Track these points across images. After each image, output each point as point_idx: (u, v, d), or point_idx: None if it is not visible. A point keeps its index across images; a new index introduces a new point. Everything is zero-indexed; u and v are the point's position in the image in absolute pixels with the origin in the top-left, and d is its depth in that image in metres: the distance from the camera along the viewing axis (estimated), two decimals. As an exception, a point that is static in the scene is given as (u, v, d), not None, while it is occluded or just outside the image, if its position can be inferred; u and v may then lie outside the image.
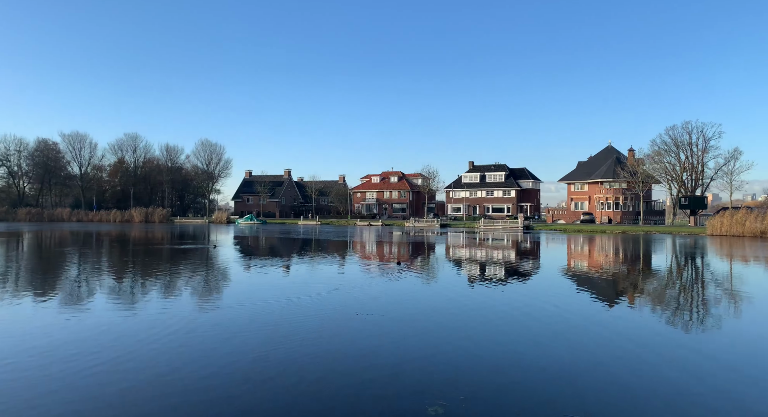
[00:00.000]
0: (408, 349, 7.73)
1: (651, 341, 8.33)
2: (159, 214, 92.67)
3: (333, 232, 52.02)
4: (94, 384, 6.06)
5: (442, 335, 8.65)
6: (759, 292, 13.96)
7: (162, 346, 7.69)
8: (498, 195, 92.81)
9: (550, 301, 12.11)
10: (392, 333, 8.73)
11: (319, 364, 6.90)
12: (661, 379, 6.44)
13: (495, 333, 8.84)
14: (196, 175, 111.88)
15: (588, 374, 6.62)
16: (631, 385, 6.19)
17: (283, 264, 20.41)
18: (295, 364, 6.89)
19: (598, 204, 78.03)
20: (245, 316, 9.87)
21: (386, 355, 7.43)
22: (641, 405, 5.58)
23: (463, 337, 8.48)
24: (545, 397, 5.82)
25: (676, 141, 70.37)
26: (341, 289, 13.51)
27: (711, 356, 7.46)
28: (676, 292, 14.50)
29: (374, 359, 7.19)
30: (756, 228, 45.95)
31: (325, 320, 9.59)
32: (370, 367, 6.86)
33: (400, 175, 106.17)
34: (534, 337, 8.50)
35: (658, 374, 6.61)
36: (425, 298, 12.30)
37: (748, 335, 8.88)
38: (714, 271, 19.70)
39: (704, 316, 10.68)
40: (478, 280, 15.79)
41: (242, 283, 15.06)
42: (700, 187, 70.07)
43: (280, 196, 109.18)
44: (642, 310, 11.16)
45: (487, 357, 7.39)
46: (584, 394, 5.94)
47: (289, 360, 7.04)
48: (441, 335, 8.65)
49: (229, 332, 8.58)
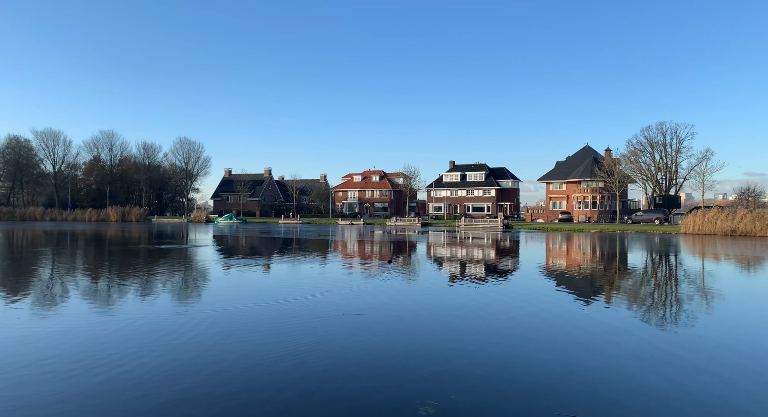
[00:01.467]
0: (396, 349, 7.68)
1: (638, 345, 8.53)
2: (136, 213, 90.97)
3: (314, 232, 51.80)
4: (41, 390, 5.95)
5: (430, 334, 8.62)
6: (729, 289, 14.43)
7: (139, 356, 7.57)
8: (478, 194, 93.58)
9: (534, 300, 12.29)
10: (380, 332, 8.69)
11: (305, 365, 6.81)
12: (646, 380, 6.61)
13: (483, 332, 8.84)
14: (174, 173, 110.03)
15: (577, 373, 6.63)
16: (618, 384, 6.22)
17: (264, 264, 20.27)
18: (281, 365, 6.80)
19: (576, 203, 79.33)
20: (226, 319, 9.78)
21: (374, 354, 7.36)
22: (631, 404, 5.59)
23: (452, 336, 8.47)
24: (536, 396, 5.81)
25: (651, 141, 72.06)
26: (328, 289, 13.48)
27: (681, 350, 7.68)
28: (651, 290, 14.86)
29: (362, 359, 7.12)
30: (727, 227, 47.34)
31: (312, 321, 9.49)
32: (359, 367, 6.78)
33: (382, 174, 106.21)
34: (523, 337, 8.52)
35: (645, 377, 6.76)
36: (411, 297, 12.30)
37: (723, 331, 9.17)
38: (687, 270, 20.25)
39: (677, 314, 10.98)
40: (461, 280, 15.93)
41: (222, 283, 14.88)
42: (674, 186, 71.86)
43: (261, 195, 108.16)
44: (622, 310, 11.42)
45: (476, 355, 7.37)
46: (575, 393, 5.93)
47: (276, 361, 6.97)
48: (429, 334, 8.62)
49: (208, 334, 8.49)
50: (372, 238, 39.90)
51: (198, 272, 17.46)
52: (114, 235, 41.70)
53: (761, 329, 9.34)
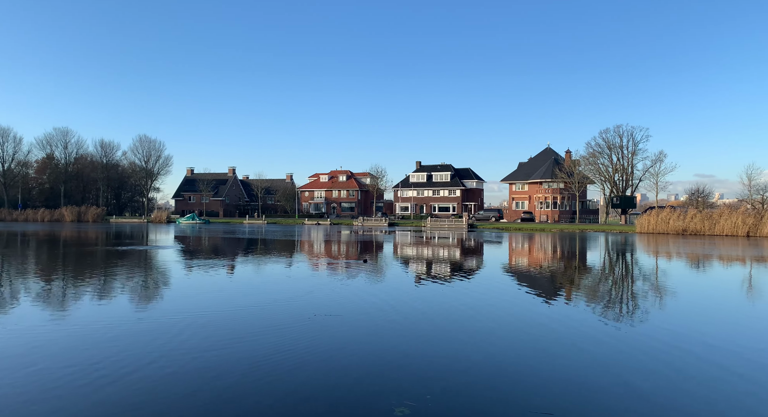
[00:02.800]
0: (369, 349, 7.64)
1: (605, 342, 8.87)
2: (93, 213, 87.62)
3: (280, 232, 51.22)
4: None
5: (402, 333, 8.62)
6: (681, 286, 15.20)
7: (96, 369, 7.36)
8: (444, 194, 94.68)
9: (501, 298, 12.56)
10: (352, 333, 8.64)
11: (276, 368, 6.73)
12: (620, 375, 6.90)
13: (455, 331, 8.90)
14: (134, 172, 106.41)
15: (551, 371, 6.71)
16: (593, 382, 6.31)
17: (229, 265, 19.92)
18: (253, 368, 6.72)
19: (538, 203, 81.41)
20: (195, 321, 9.61)
21: (348, 355, 7.31)
22: (604, 401, 5.68)
23: (426, 336, 8.48)
24: (510, 394, 5.86)
25: (609, 143, 74.65)
26: (298, 290, 13.40)
27: (633, 347, 8.07)
28: (611, 288, 15.48)
29: (335, 360, 7.05)
30: (678, 226, 49.65)
31: (282, 323, 9.37)
32: (331, 368, 6.71)
33: (349, 174, 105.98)
34: (495, 336, 8.63)
35: (617, 371, 7.04)
36: (381, 297, 12.31)
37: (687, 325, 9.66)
38: (642, 267, 21.17)
39: (633, 310, 11.50)
40: (429, 279, 16.12)
41: (185, 285, 14.57)
42: (630, 187, 74.70)
43: (224, 194, 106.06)
44: (585, 307, 11.85)
45: (451, 355, 7.40)
46: (549, 390, 5.99)
47: (247, 364, 6.88)
48: (402, 334, 8.62)
49: (175, 343, 8.33)
50: (339, 239, 39.81)
51: (159, 275, 17.01)
52: (69, 236, 40.03)
53: (713, 323, 9.89)
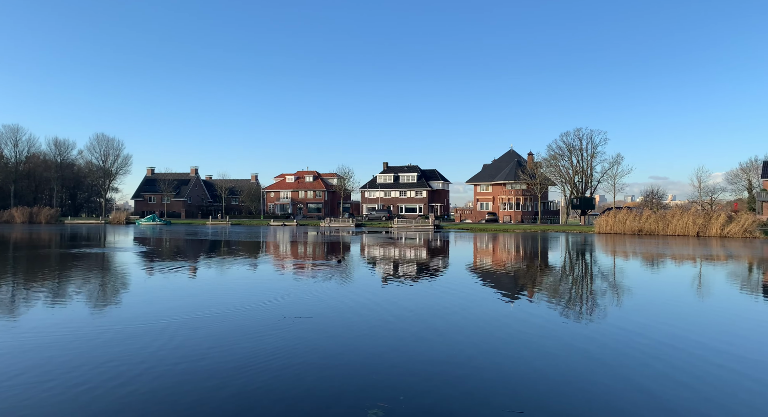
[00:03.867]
0: (341, 351, 7.61)
1: (574, 339, 9.16)
2: (46, 214, 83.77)
3: (245, 233, 50.38)
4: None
5: (374, 334, 8.63)
6: (637, 284, 15.87)
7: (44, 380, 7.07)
8: (411, 195, 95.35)
9: (468, 297, 12.77)
10: (324, 335, 8.59)
11: (245, 371, 6.65)
12: (582, 372, 7.14)
13: (427, 331, 8.96)
14: (91, 172, 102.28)
15: (522, 369, 6.83)
16: (561, 379, 6.46)
17: (191, 267, 19.47)
18: (220, 372, 6.63)
19: (501, 204, 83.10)
20: (157, 325, 9.37)
21: (319, 357, 7.26)
22: (574, 399, 5.81)
23: (396, 336, 8.53)
24: (483, 393, 5.92)
25: (569, 146, 76.93)
26: (266, 292, 13.24)
27: (600, 343, 8.40)
28: (574, 287, 15.99)
29: (307, 363, 6.99)
30: (634, 226, 51.69)
31: (251, 326, 9.25)
32: (305, 370, 6.66)
33: (316, 174, 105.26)
34: (466, 335, 8.73)
35: (590, 372, 7.28)
36: (353, 299, 12.31)
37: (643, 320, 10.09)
38: (601, 267, 21.97)
39: (596, 308, 11.94)
40: (397, 279, 16.22)
41: (147, 291, 14.16)
42: (589, 188, 77.21)
43: (187, 195, 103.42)
44: (549, 306, 12.20)
45: (423, 355, 7.44)
46: (520, 389, 6.09)
47: (214, 368, 6.78)
48: (373, 335, 8.63)
49: (134, 340, 8.11)
50: (306, 240, 39.50)
51: (119, 280, 16.46)
52: (19, 238, 38.13)
53: (670, 319, 10.37)
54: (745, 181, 79.21)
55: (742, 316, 10.77)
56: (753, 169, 77.62)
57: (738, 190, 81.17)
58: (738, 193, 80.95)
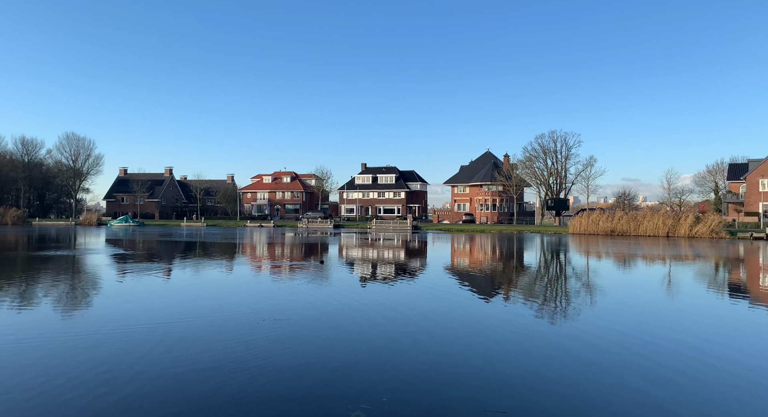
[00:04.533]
0: (321, 353, 7.56)
1: (551, 338, 9.30)
2: (12, 215, 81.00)
3: (220, 234, 49.66)
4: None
5: (355, 336, 8.60)
6: (611, 284, 16.26)
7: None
8: (389, 196, 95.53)
9: (446, 297, 12.87)
10: (304, 336, 8.52)
11: (224, 373, 6.56)
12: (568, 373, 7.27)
13: (408, 332, 8.97)
14: (60, 171, 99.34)
15: (503, 370, 6.86)
16: (543, 380, 6.50)
17: (166, 269, 19.10)
18: (195, 373, 6.53)
19: (478, 205, 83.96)
20: (132, 327, 9.17)
21: (299, 359, 7.19)
22: (555, 399, 5.87)
23: (379, 337, 8.51)
24: (465, 394, 5.93)
25: (544, 148, 78.29)
26: (242, 294, 13.08)
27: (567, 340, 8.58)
28: (552, 287, 16.28)
29: (286, 366, 6.91)
30: (607, 227, 52.89)
31: (230, 327, 9.13)
32: (284, 373, 6.58)
33: (293, 175, 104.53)
34: (450, 335, 8.78)
35: (568, 370, 7.38)
36: (329, 299, 12.26)
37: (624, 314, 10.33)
38: (577, 267, 22.42)
39: (571, 307, 12.18)
40: (376, 280, 16.23)
41: (114, 292, 13.85)
42: (564, 190, 78.68)
43: (161, 195, 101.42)
44: (527, 306, 12.39)
45: (406, 356, 7.44)
46: (501, 389, 6.12)
47: (188, 369, 6.67)
48: (354, 336, 8.60)
49: (102, 355, 7.92)
50: (283, 241, 39.18)
51: (89, 283, 16.05)
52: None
53: (646, 318, 10.65)
54: (711, 183, 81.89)
55: (710, 314, 11.14)
56: (719, 171, 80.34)
57: (705, 191, 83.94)
58: (705, 194, 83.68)
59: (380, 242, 39.05)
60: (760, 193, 60.29)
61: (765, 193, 60.04)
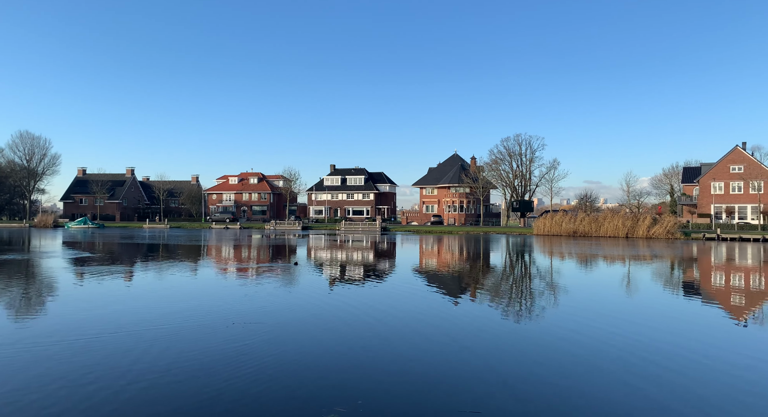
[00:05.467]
0: (295, 356, 7.49)
1: (525, 337, 9.51)
2: (-41, 217, 76.72)
3: (184, 236, 48.50)
4: None
5: (329, 338, 8.57)
6: (575, 284, 16.77)
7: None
8: (358, 198, 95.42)
9: (416, 298, 12.99)
10: (274, 340, 8.43)
11: (195, 379, 6.45)
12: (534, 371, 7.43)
13: (383, 333, 9.00)
14: (13, 171, 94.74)
15: (476, 370, 6.94)
16: (514, 378, 6.62)
17: (127, 272, 18.52)
18: (168, 378, 6.39)
19: (446, 207, 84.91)
20: (99, 334, 8.87)
21: (272, 363, 7.12)
22: (528, 398, 6.00)
23: (353, 339, 8.50)
24: (440, 395, 5.98)
25: (510, 151, 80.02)
26: (204, 297, 12.83)
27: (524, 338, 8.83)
28: (519, 288, 16.65)
29: (259, 369, 6.84)
30: (570, 228, 54.43)
31: (195, 332, 8.93)
32: (258, 377, 6.51)
33: (261, 176, 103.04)
34: (424, 336, 8.84)
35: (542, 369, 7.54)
36: (300, 301, 12.18)
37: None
38: (540, 268, 22.99)
39: (532, 306, 12.50)
40: (347, 281, 16.21)
41: (70, 297, 13.35)
42: (528, 192, 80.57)
43: (122, 197, 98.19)
44: (493, 306, 12.63)
45: (381, 358, 7.44)
46: (476, 389, 6.18)
47: (162, 375, 6.51)
48: (328, 338, 8.57)
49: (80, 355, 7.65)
50: (250, 243, 38.61)
51: (44, 288, 15.41)
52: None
53: (607, 317, 11.04)
54: (667, 185, 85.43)
55: (666, 310, 11.68)
56: (674, 174, 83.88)
57: (662, 194, 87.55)
58: (662, 196, 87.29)
59: (349, 244, 38.99)
60: (711, 195, 63.30)
61: (716, 195, 63.08)
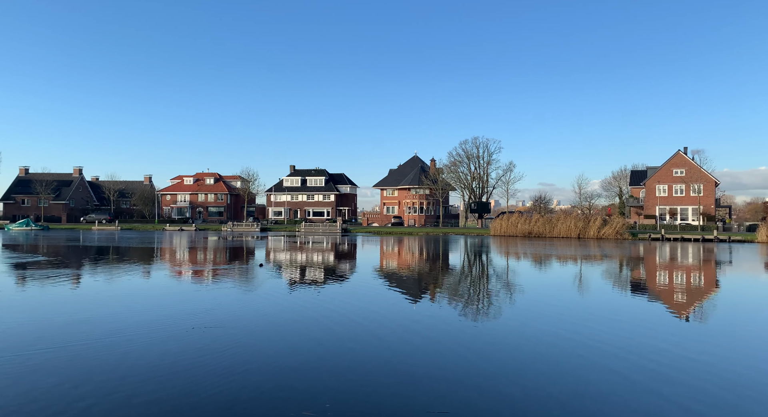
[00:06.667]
0: (257, 361, 7.38)
1: (485, 337, 9.68)
2: None
3: (137, 239, 46.71)
4: None
5: (289, 342, 8.47)
6: (533, 283, 17.28)
7: None
8: (318, 199, 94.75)
9: (373, 299, 13.04)
10: (236, 344, 8.27)
11: (154, 384, 6.26)
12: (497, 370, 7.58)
13: (347, 335, 8.95)
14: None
15: (443, 371, 6.99)
16: (481, 378, 6.71)
17: (74, 275, 17.66)
18: (125, 385, 6.17)
19: (407, 208, 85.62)
20: (40, 340, 8.43)
21: (235, 367, 6.99)
22: (492, 396, 6.08)
23: (317, 342, 8.44)
24: (408, 396, 6.01)
25: (468, 153, 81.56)
26: (161, 301, 12.41)
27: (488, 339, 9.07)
28: (468, 286, 16.99)
29: (222, 374, 6.70)
30: (525, 229, 56.03)
31: (153, 338, 8.64)
32: (218, 383, 6.38)
33: (217, 176, 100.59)
34: (388, 337, 8.86)
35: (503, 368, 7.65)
36: (260, 304, 12.01)
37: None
38: (497, 268, 23.56)
39: (490, 306, 12.81)
40: (307, 284, 16.08)
41: (8, 304, 12.67)
42: (486, 194, 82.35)
43: (68, 197, 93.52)
44: (453, 306, 12.83)
45: (347, 360, 7.40)
46: (443, 389, 6.23)
47: (118, 381, 6.27)
48: (292, 341, 8.48)
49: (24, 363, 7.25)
50: (205, 245, 37.62)
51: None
52: None
53: (566, 316, 11.45)
54: (616, 188, 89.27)
55: (615, 306, 12.25)
56: (623, 177, 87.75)
57: (611, 196, 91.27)
58: (611, 198, 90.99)
59: (310, 245, 38.67)
60: (656, 197, 66.70)
61: (661, 197, 66.53)
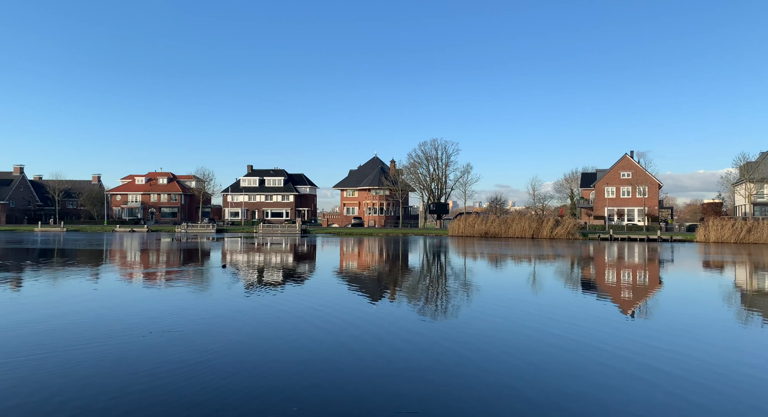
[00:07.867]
0: (219, 364, 7.22)
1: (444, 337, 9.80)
2: None
3: (83, 240, 44.58)
4: None
5: (251, 344, 8.34)
6: (491, 283, 17.70)
7: None
8: (277, 199, 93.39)
9: (339, 301, 12.99)
10: (196, 348, 8.06)
11: (112, 389, 6.03)
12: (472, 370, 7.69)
13: (308, 336, 8.88)
14: None
15: (412, 371, 7.00)
16: (448, 377, 6.77)
17: (11, 279, 16.68)
18: (77, 389, 5.92)
19: (367, 209, 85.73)
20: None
21: (195, 372, 6.81)
22: (460, 396, 6.12)
23: (279, 344, 8.34)
24: (377, 396, 5.98)
25: (427, 155, 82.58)
26: (114, 304, 11.91)
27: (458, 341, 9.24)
28: (428, 286, 17.23)
29: (182, 378, 6.52)
30: (482, 229, 57.28)
31: (106, 345, 8.27)
32: (179, 387, 6.21)
33: (171, 176, 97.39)
34: (352, 337, 8.84)
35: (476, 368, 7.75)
36: (219, 307, 11.75)
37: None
38: (454, 267, 23.98)
39: (447, 306, 13.03)
40: (262, 286, 15.84)
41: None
42: (444, 195, 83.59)
43: (8, 197, 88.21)
44: (413, 306, 12.95)
45: (310, 361, 7.35)
46: (411, 389, 6.24)
47: (80, 389, 5.97)
48: (250, 344, 8.35)
49: None
50: (158, 247, 36.37)
51: None
52: None
53: (522, 313, 11.78)
54: (568, 189, 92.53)
55: (568, 304, 12.75)
56: (574, 179, 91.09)
57: (563, 197, 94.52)
58: (563, 200, 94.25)
59: (267, 247, 38.08)
60: (605, 199, 69.66)
61: (609, 199, 69.53)
